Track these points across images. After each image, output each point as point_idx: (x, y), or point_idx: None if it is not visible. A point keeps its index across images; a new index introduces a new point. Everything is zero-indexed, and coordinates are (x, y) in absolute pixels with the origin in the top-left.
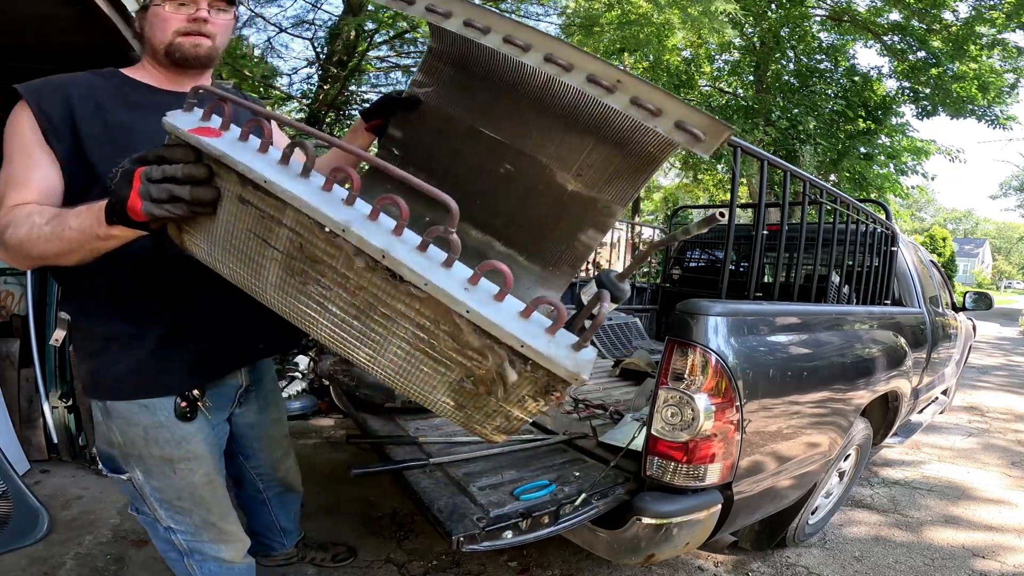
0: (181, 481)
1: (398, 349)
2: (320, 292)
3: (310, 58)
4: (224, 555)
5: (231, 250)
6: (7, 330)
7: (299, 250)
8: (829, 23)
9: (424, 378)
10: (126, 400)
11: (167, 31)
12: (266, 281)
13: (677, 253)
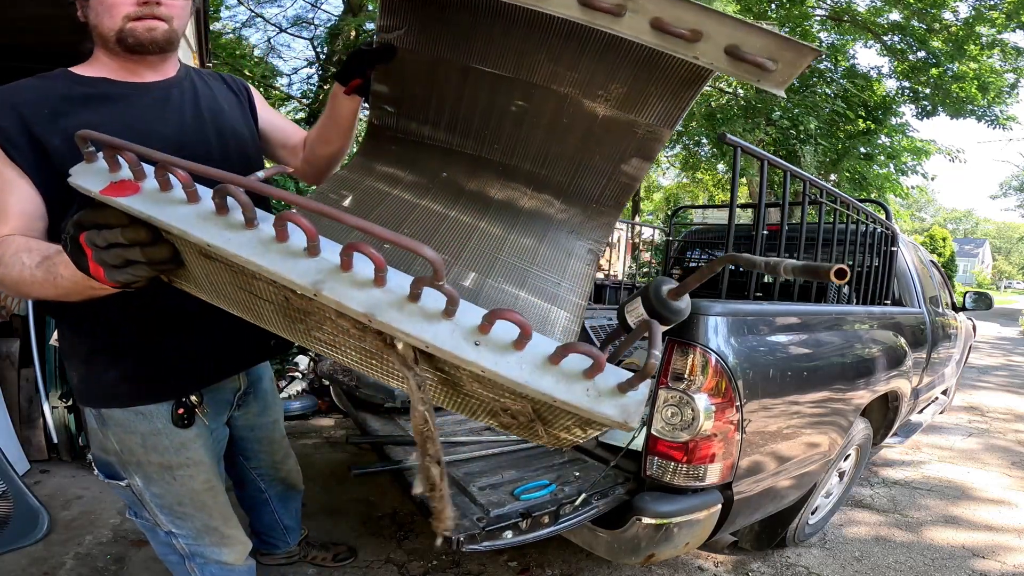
0: (181, 487)
1: (430, 386)
2: (327, 338)
3: (310, 58)
4: (226, 558)
5: (224, 297)
6: (7, 330)
7: (286, 302)
8: (829, 23)
9: (462, 407)
10: (120, 408)
11: (116, 17)
12: (272, 324)
13: (677, 253)
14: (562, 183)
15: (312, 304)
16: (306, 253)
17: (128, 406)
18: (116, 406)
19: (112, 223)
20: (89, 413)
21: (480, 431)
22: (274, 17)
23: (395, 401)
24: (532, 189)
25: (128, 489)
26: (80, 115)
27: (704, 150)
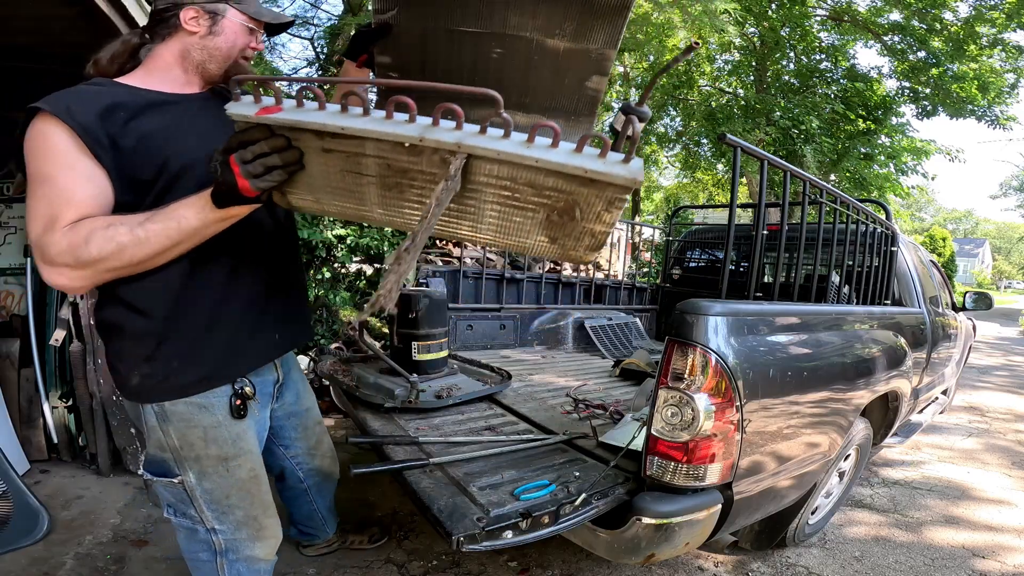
0: (232, 479)
1: (492, 212)
2: (416, 193)
3: (310, 58)
4: (258, 552)
5: (333, 191)
6: (7, 330)
7: (388, 169)
8: (829, 23)
9: (519, 227)
10: (192, 395)
11: (235, 49)
12: (371, 203)
13: (677, 253)
14: (544, 105)
15: (411, 160)
16: (408, 120)
17: (195, 394)
18: (186, 396)
19: (257, 138)
20: (148, 412)
21: (480, 431)
22: None
23: (395, 401)
24: (522, 112)
25: (180, 486)
26: (148, 118)
27: (704, 150)
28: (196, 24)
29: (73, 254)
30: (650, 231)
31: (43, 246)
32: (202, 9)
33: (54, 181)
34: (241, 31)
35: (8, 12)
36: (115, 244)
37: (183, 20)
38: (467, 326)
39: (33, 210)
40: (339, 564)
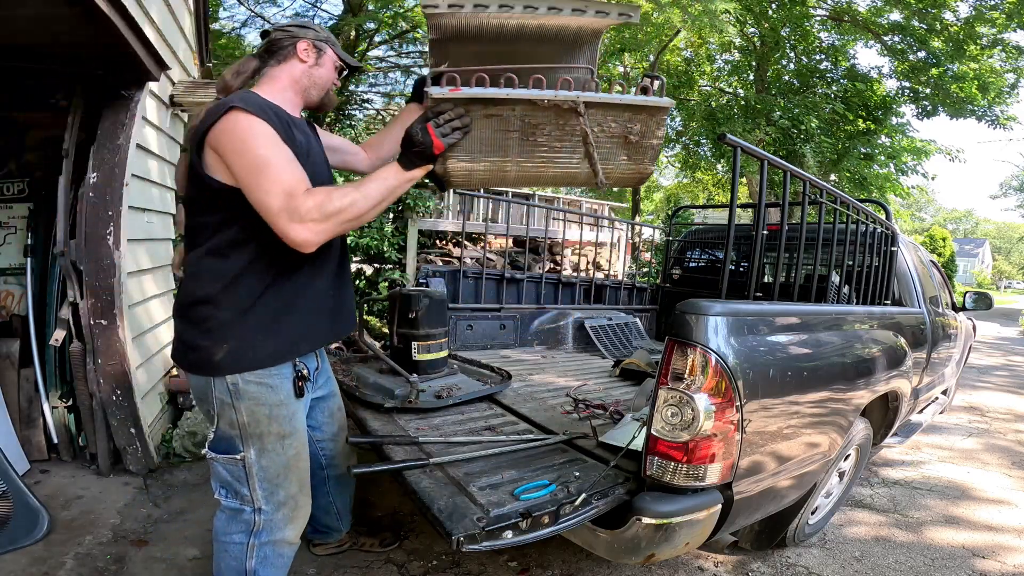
0: (285, 456)
1: (592, 147)
2: (543, 139)
3: None
4: (288, 535)
5: (484, 148)
6: (7, 330)
7: (526, 123)
8: (829, 23)
9: (610, 154)
10: (266, 368)
11: (329, 82)
12: (511, 153)
13: (677, 253)
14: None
15: (544, 114)
16: (553, 92)
17: (269, 367)
18: (261, 367)
19: (446, 108)
20: (223, 390)
21: (480, 431)
22: (273, 17)
23: (395, 401)
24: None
25: (240, 463)
26: (296, 132)
27: (704, 150)
28: (307, 55)
29: (320, 210)
30: (650, 231)
31: (292, 208)
32: (312, 44)
33: (276, 161)
34: (332, 68)
35: (8, 12)
36: (349, 199)
37: (298, 50)
38: (467, 326)
39: (267, 184)
40: (339, 564)
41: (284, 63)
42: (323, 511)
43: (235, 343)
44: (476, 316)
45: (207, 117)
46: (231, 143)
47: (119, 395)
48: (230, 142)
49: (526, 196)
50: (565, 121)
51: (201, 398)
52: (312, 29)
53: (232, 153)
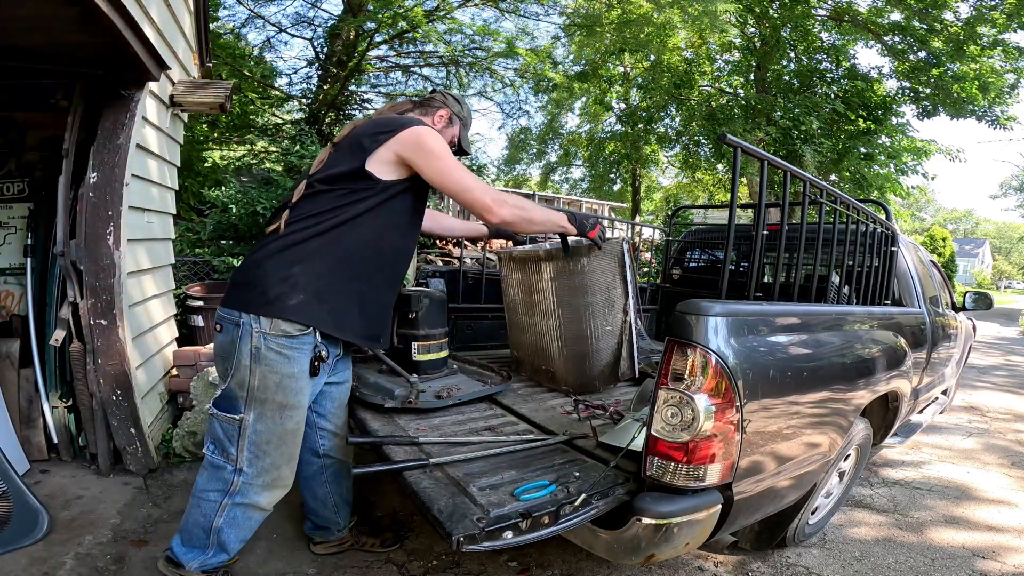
0: (281, 427)
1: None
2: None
3: (310, 58)
4: (262, 501)
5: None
6: (7, 330)
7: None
8: (830, 23)
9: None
10: (288, 322)
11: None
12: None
13: (677, 253)
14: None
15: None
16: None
17: (295, 324)
18: (287, 319)
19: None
20: (246, 353)
21: (480, 431)
22: (273, 16)
23: (395, 401)
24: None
25: (237, 423)
26: None
27: (704, 150)
28: (439, 121)
29: (503, 200)
30: (650, 231)
31: (486, 193)
32: (450, 117)
33: (456, 167)
34: (448, 141)
35: (8, 12)
36: (527, 203)
37: (437, 115)
38: (467, 326)
39: (463, 178)
40: (339, 564)
41: (423, 116)
42: (320, 503)
43: (283, 289)
44: (476, 316)
45: (386, 126)
46: (422, 145)
47: (119, 395)
48: (421, 145)
49: (526, 196)
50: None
51: (223, 355)
52: (460, 105)
53: (427, 156)
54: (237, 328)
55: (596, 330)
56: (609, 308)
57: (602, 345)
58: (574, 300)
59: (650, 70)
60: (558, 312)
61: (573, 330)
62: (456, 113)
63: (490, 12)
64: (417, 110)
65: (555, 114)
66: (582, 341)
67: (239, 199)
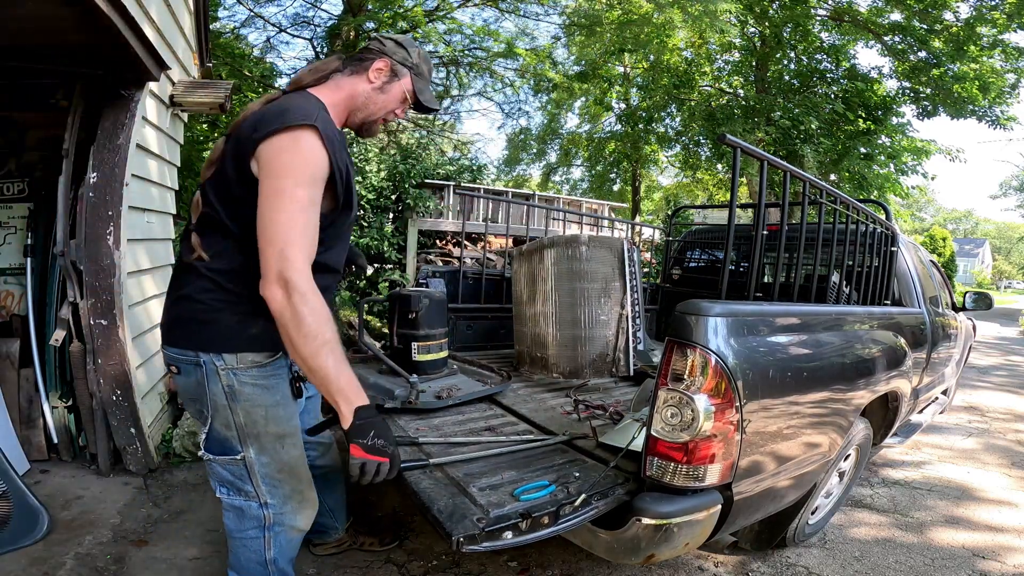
0: (286, 455)
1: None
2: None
3: (309, 58)
4: (300, 523)
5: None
6: (7, 330)
7: None
8: (830, 23)
9: None
10: (255, 352)
11: (382, 111)
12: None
13: (677, 253)
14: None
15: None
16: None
17: (264, 351)
18: (255, 351)
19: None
20: (219, 393)
21: (480, 432)
22: (273, 16)
23: (395, 401)
24: None
25: (241, 462)
26: (344, 155)
27: (704, 150)
28: (377, 76)
29: (299, 309)
30: (650, 231)
31: (285, 262)
32: (390, 66)
33: (299, 201)
34: (400, 97)
35: (8, 12)
36: (320, 348)
37: (372, 67)
38: (467, 326)
39: (283, 223)
40: (339, 564)
41: (355, 75)
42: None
43: (232, 322)
44: (476, 316)
45: (266, 123)
46: (273, 163)
47: (119, 395)
48: (272, 162)
49: (526, 196)
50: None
51: (193, 398)
52: (404, 50)
53: (270, 173)
54: (199, 368)
55: (591, 316)
56: (606, 298)
57: (596, 333)
58: (572, 284)
59: (650, 70)
60: (555, 295)
61: (568, 314)
62: (401, 61)
63: (490, 12)
64: (346, 70)
65: (555, 114)
66: (576, 325)
67: None
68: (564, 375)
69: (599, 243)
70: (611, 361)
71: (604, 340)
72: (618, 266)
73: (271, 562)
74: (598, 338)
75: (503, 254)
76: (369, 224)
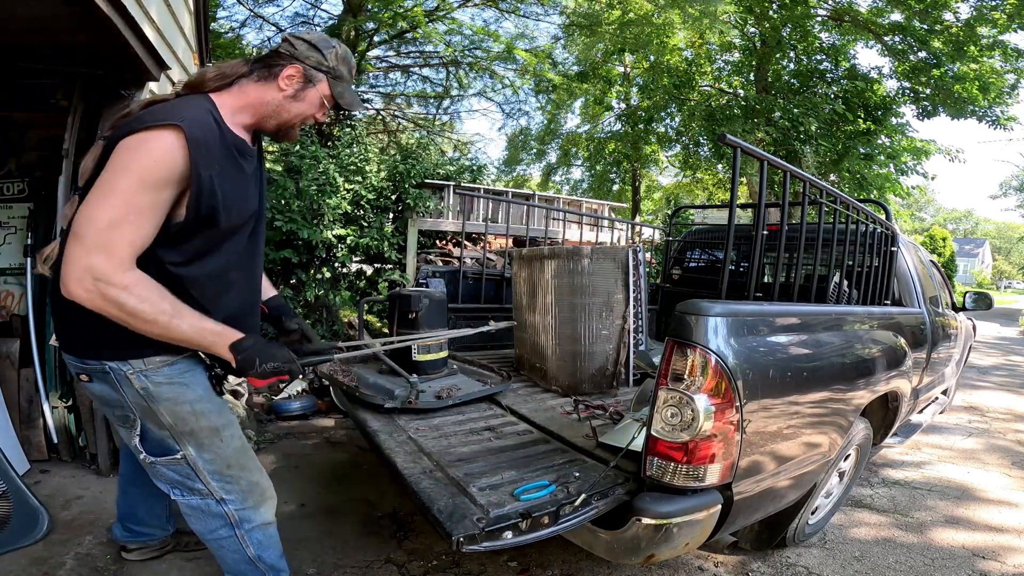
0: (227, 448)
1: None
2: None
3: None
4: (266, 517)
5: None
6: (7, 330)
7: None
8: (830, 23)
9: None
10: (160, 354)
11: (298, 118)
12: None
13: (677, 253)
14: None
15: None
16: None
17: (168, 354)
18: (158, 353)
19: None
20: (136, 397)
21: (480, 431)
22: (272, 16)
23: (395, 401)
24: None
25: (183, 461)
26: (239, 162)
27: (704, 150)
28: (288, 84)
29: (119, 296)
30: (650, 231)
31: (92, 255)
32: (303, 72)
33: (131, 195)
34: (318, 103)
35: (8, 12)
36: (159, 319)
37: (282, 75)
38: (467, 326)
39: (101, 213)
40: (339, 564)
41: (262, 82)
42: (154, 515)
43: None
44: (476, 316)
45: (127, 125)
46: (114, 160)
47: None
48: (114, 159)
49: (526, 196)
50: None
51: (109, 404)
52: (319, 53)
53: (111, 167)
54: (108, 375)
55: (591, 332)
56: (608, 312)
57: (596, 349)
58: (573, 299)
59: (650, 70)
60: (555, 310)
61: (568, 329)
62: (315, 66)
63: (490, 13)
64: (254, 75)
65: (555, 114)
66: (576, 341)
67: None
68: (563, 388)
69: (602, 255)
70: (611, 375)
71: (604, 355)
72: (621, 277)
73: (257, 559)
74: (598, 353)
75: (503, 254)
76: (369, 224)
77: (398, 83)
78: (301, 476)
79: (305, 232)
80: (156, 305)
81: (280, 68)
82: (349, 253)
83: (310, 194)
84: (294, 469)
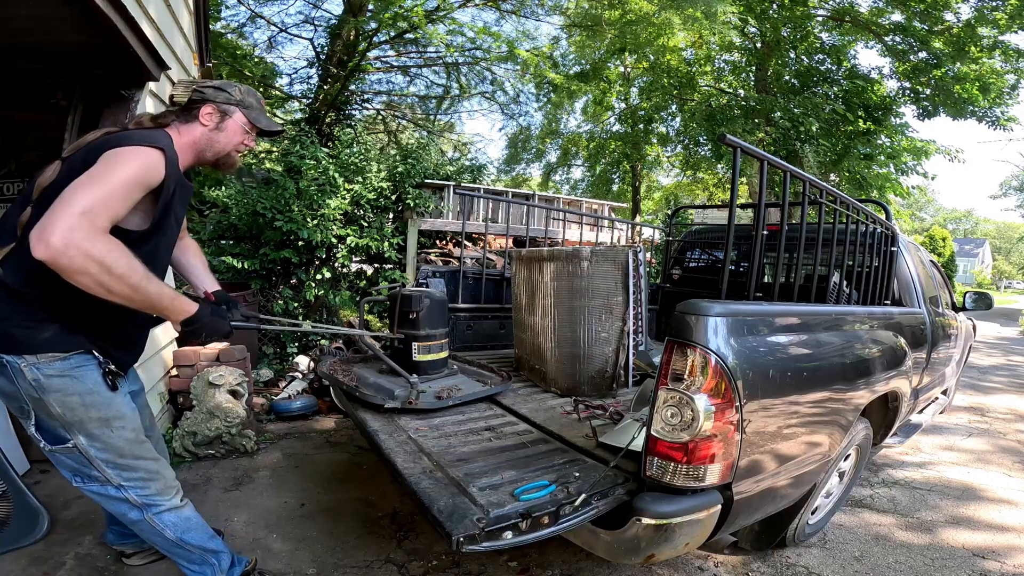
0: (118, 439)
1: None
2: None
3: (310, 58)
4: (175, 501)
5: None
6: None
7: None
8: (830, 23)
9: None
10: (51, 352)
11: (231, 145)
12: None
13: (677, 253)
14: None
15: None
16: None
17: (60, 351)
18: (48, 351)
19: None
20: (28, 388)
21: (480, 431)
22: (273, 16)
23: (396, 401)
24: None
25: (75, 450)
26: (179, 192)
27: (704, 150)
28: (208, 119)
29: (105, 257)
30: (650, 231)
31: (66, 220)
32: (217, 108)
33: (112, 186)
34: (240, 131)
35: (8, 12)
36: (133, 280)
37: (201, 113)
38: (467, 326)
39: (82, 191)
40: (339, 564)
41: (189, 123)
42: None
43: (32, 325)
44: (476, 316)
45: (107, 143)
46: (100, 162)
47: None
48: (100, 161)
49: (526, 196)
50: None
51: (8, 395)
52: (225, 92)
53: (97, 164)
54: (5, 368)
55: (590, 335)
56: (607, 315)
57: (595, 351)
58: (572, 302)
59: (650, 71)
60: (555, 312)
61: (567, 332)
62: (224, 101)
63: (490, 14)
64: (179, 119)
65: (555, 115)
66: (575, 344)
67: (239, 199)
68: (562, 390)
69: (601, 257)
70: (610, 378)
71: (604, 358)
72: (621, 279)
73: (181, 542)
74: (597, 356)
75: (503, 254)
76: (369, 224)
77: (399, 84)
78: (301, 476)
79: (305, 232)
80: (132, 265)
81: (198, 109)
82: (349, 253)
83: (310, 194)
84: (294, 469)
